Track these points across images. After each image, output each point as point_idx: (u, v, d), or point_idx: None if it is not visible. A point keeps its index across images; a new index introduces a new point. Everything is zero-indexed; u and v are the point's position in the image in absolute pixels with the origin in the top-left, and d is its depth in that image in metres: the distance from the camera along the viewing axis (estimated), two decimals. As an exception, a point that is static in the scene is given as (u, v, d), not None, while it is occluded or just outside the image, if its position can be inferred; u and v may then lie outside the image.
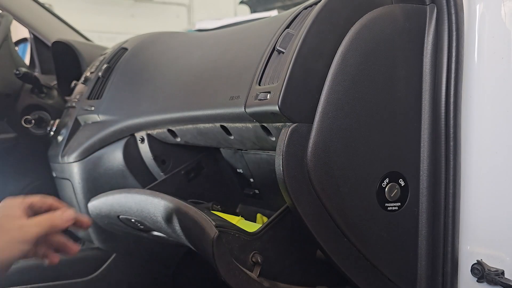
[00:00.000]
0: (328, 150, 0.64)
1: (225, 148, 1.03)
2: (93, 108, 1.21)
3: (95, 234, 1.24)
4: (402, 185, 0.69)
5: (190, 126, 0.92)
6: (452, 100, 0.67)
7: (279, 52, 0.69)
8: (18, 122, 1.46)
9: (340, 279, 0.74)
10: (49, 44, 1.59)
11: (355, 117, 0.65)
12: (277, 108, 0.63)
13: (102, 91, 1.22)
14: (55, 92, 1.56)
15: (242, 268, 0.67)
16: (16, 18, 1.55)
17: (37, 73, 1.65)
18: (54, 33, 1.64)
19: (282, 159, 0.63)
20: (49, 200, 0.74)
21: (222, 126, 0.83)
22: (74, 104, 1.33)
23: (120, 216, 0.98)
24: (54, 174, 1.38)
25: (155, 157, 1.10)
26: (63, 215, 0.71)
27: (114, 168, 1.16)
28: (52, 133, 1.40)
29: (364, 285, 0.68)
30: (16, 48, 1.79)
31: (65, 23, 1.76)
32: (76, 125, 1.29)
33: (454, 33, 0.68)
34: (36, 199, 0.72)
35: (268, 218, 0.94)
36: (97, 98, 1.23)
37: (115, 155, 1.15)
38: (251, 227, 0.75)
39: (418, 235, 0.70)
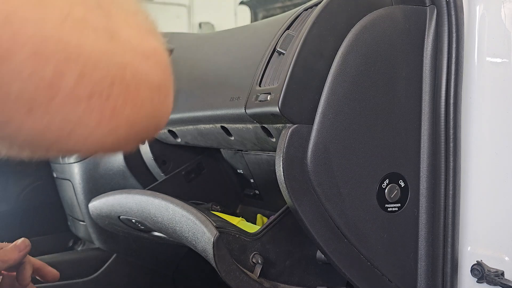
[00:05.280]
0: (328, 151, 0.64)
1: (226, 149, 1.04)
2: (93, 109, 1.21)
3: (95, 234, 1.24)
4: (402, 186, 0.69)
5: (190, 127, 0.92)
6: (452, 101, 0.67)
7: (280, 53, 0.70)
8: (19, 123, 1.46)
9: (340, 280, 0.75)
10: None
11: (355, 118, 0.65)
12: (277, 109, 0.63)
13: (103, 92, 1.22)
14: (55, 93, 1.56)
15: (242, 268, 0.67)
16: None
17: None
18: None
19: (282, 160, 0.63)
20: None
21: (222, 127, 0.83)
22: (74, 105, 1.33)
23: (121, 217, 0.98)
24: (54, 175, 1.38)
25: (156, 158, 1.10)
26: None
27: (114, 168, 1.16)
28: (52, 133, 1.40)
29: (364, 286, 0.68)
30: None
31: (65, 23, 1.76)
32: (77, 125, 1.28)
33: (454, 34, 0.68)
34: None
35: (268, 218, 0.95)
36: (97, 99, 1.22)
37: (115, 156, 1.15)
38: (252, 228, 0.75)
39: (418, 236, 0.70)
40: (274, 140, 0.73)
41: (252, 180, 1.02)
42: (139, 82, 0.34)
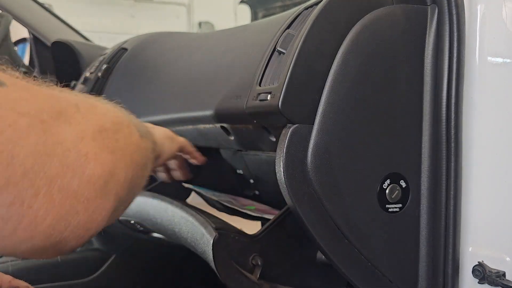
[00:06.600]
0: (329, 151, 0.64)
1: (225, 149, 1.03)
2: (92, 109, 1.20)
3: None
4: (403, 186, 0.68)
5: (190, 126, 0.92)
6: (453, 101, 0.67)
7: (280, 52, 0.69)
8: (18, 123, 1.45)
9: (341, 281, 0.74)
10: (49, 44, 1.58)
11: (355, 118, 0.65)
12: (277, 109, 0.63)
13: (102, 92, 1.22)
14: (54, 93, 1.55)
15: (242, 270, 0.67)
16: (15, 18, 1.55)
17: (36, 73, 1.65)
18: (53, 33, 1.64)
19: (283, 160, 0.63)
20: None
21: (222, 127, 0.83)
22: (73, 105, 1.33)
23: (120, 218, 0.98)
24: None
25: (155, 158, 1.09)
26: None
27: (113, 169, 1.15)
28: (51, 133, 1.40)
29: (365, 287, 0.68)
30: (16, 48, 1.79)
31: (65, 23, 1.76)
32: (76, 125, 1.28)
33: (455, 34, 0.67)
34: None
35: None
36: (96, 99, 1.22)
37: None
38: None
39: (419, 237, 0.70)
40: (274, 140, 0.73)
41: (251, 181, 1.02)
42: (66, 195, 0.33)
